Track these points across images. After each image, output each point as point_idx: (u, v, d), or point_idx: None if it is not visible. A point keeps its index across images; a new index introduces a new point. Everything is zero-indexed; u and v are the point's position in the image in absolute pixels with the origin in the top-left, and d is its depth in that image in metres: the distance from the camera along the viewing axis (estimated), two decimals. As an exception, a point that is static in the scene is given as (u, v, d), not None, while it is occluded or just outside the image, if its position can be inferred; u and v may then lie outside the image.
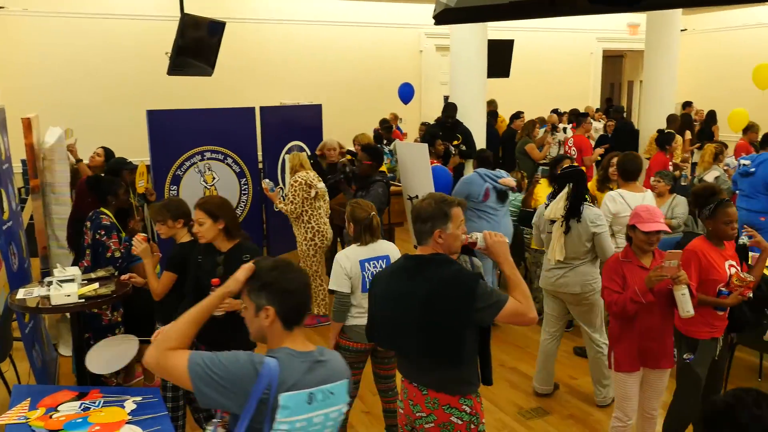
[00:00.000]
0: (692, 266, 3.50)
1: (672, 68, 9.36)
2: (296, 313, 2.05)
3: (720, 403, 1.84)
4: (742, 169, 6.78)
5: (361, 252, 3.79)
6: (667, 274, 3.22)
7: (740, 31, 13.43)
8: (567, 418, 4.53)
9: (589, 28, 13.83)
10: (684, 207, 6.42)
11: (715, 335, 3.61)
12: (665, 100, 9.43)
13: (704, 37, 14.09)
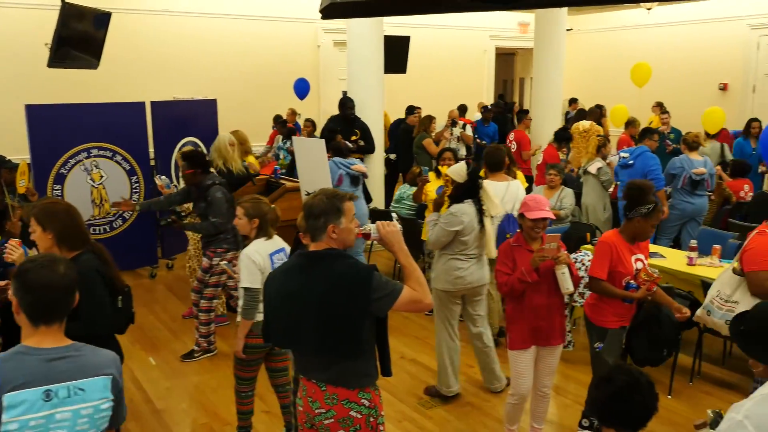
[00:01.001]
0: (605, 257, 3.67)
1: (559, 66, 9.79)
2: (38, 310, 2.04)
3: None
4: (622, 162, 7.20)
5: (268, 246, 3.84)
6: (549, 255, 3.58)
7: (620, 32, 14.25)
8: (465, 406, 4.65)
9: (483, 26, 14.22)
10: (571, 198, 6.76)
11: (623, 324, 3.74)
12: (553, 96, 9.85)
13: (588, 36, 14.84)
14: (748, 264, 3.57)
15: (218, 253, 5.31)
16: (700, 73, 12.65)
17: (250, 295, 3.73)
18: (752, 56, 12.21)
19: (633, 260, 3.70)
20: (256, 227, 3.86)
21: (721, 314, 3.70)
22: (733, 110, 12.05)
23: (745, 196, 7.35)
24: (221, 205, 5.20)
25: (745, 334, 2.25)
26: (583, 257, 5.24)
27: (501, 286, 3.77)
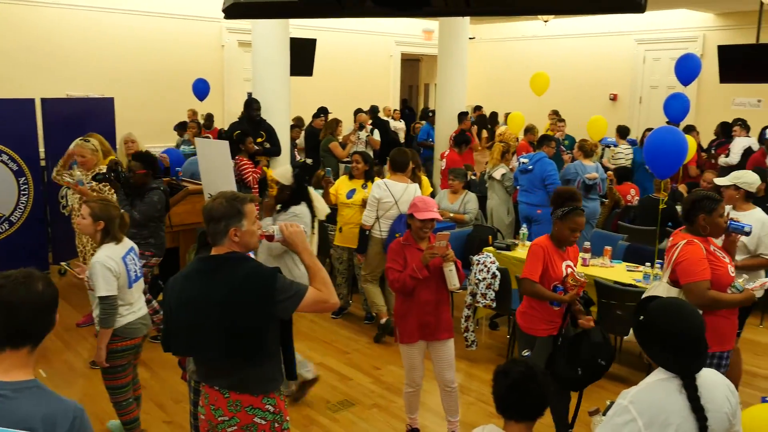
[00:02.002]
0: (539, 260, 3.73)
1: (462, 73, 10.05)
2: (4, 332, 1.81)
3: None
4: (521, 167, 7.47)
5: (118, 249, 3.78)
6: (438, 253, 3.76)
7: (520, 42, 14.82)
8: (371, 408, 4.69)
9: (388, 32, 14.40)
10: (474, 203, 6.95)
11: (552, 332, 3.78)
12: (457, 102, 10.09)
13: (490, 45, 15.33)
14: (684, 276, 3.46)
15: (145, 256, 5.21)
16: (593, 84, 13.36)
17: (108, 303, 3.63)
18: (639, 69, 13.01)
19: (563, 266, 3.78)
20: (101, 230, 3.76)
21: None
22: (622, 119, 12.76)
23: (631, 199, 7.81)
24: (152, 207, 5.17)
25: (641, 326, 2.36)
26: (485, 259, 5.40)
27: (393, 282, 3.92)
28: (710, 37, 11.76)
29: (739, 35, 11.04)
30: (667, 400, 2.14)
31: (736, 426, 2.24)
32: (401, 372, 4.72)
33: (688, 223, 3.60)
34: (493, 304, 5.31)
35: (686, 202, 3.64)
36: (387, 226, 5.56)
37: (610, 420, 2.20)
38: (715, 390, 2.21)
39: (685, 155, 5.20)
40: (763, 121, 10.02)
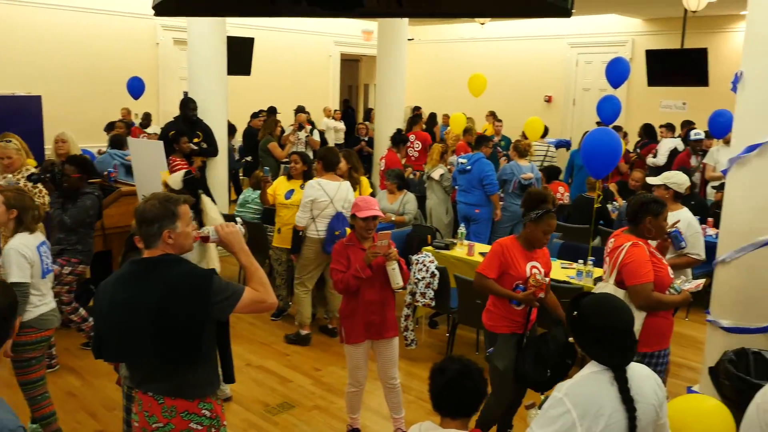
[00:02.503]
0: (496, 258, 3.77)
1: (401, 74, 10.12)
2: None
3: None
4: (460, 167, 7.56)
5: (32, 239, 3.78)
6: (381, 252, 3.80)
7: (458, 44, 15.03)
8: (312, 410, 4.66)
9: (327, 31, 14.36)
10: (413, 203, 6.99)
11: (514, 330, 3.79)
12: (396, 103, 10.16)
13: (429, 46, 15.48)
14: (630, 277, 3.50)
15: (71, 263, 5.10)
16: (529, 86, 13.67)
17: (20, 290, 3.57)
18: (572, 72, 13.39)
19: (528, 267, 3.77)
20: (14, 218, 3.75)
21: None
22: (556, 121, 13.15)
23: (561, 197, 8.03)
24: (83, 212, 5.07)
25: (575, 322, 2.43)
26: (424, 258, 5.44)
27: (336, 283, 3.93)
28: (639, 42, 12.21)
29: (665, 40, 11.51)
30: (600, 392, 2.22)
31: (663, 418, 2.33)
32: (342, 373, 4.73)
33: (634, 224, 3.65)
34: (433, 303, 5.37)
35: (634, 204, 3.66)
36: (324, 226, 5.53)
37: (546, 412, 2.26)
38: (643, 383, 2.30)
39: (619, 155, 5.38)
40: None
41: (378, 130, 10.30)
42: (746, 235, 4.05)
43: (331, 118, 13.39)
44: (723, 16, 11.06)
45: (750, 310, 4.06)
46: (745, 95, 4.06)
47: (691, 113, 10.98)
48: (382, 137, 10.06)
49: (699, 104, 10.63)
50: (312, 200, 5.49)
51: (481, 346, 5.77)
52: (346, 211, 5.51)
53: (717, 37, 11.09)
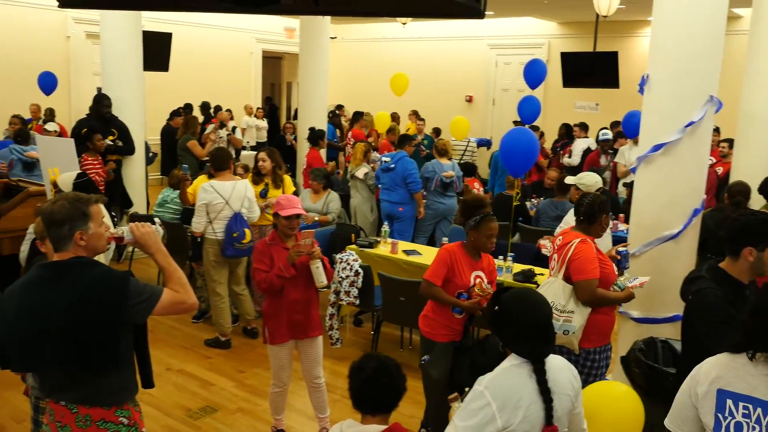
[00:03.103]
0: (443, 264, 3.73)
1: (324, 72, 10.06)
2: None
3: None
4: (383, 165, 7.61)
5: None
6: (304, 251, 3.79)
7: (380, 43, 15.11)
8: (235, 413, 4.58)
9: (249, 28, 14.14)
10: (337, 202, 6.98)
11: (452, 338, 3.78)
12: (319, 101, 10.10)
13: (352, 45, 15.50)
14: (577, 273, 3.55)
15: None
16: (450, 86, 13.90)
17: None
18: (492, 73, 13.71)
19: (473, 277, 3.76)
20: None
21: (560, 325, 3.54)
22: (477, 120, 13.44)
23: (479, 189, 8.20)
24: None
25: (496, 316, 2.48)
26: (348, 257, 5.45)
27: (260, 283, 3.88)
28: (554, 44, 12.64)
29: (579, 43, 11.96)
30: (519, 384, 2.28)
31: (578, 407, 2.42)
32: (267, 374, 4.67)
33: (589, 222, 3.69)
34: (357, 302, 5.38)
35: (592, 203, 3.70)
36: (222, 227, 5.38)
37: (467, 405, 2.30)
38: (560, 374, 2.37)
39: (536, 154, 5.55)
40: (600, 123, 10.88)
41: (301, 128, 10.22)
42: (654, 230, 4.28)
43: (254, 116, 13.19)
44: (632, 21, 11.59)
45: (657, 301, 4.28)
46: (651, 97, 4.27)
47: (604, 114, 11.45)
48: (305, 136, 9.98)
49: (611, 105, 11.09)
50: (206, 204, 5.35)
51: (405, 342, 5.84)
52: (247, 211, 5.45)
53: (627, 41, 11.61)
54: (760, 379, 2.08)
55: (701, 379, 2.20)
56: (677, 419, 2.29)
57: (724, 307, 2.69)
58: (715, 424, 2.14)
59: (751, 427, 2.07)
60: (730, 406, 2.12)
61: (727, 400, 2.12)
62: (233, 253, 5.44)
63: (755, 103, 7.08)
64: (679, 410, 2.28)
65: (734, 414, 2.11)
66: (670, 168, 4.18)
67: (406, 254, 5.85)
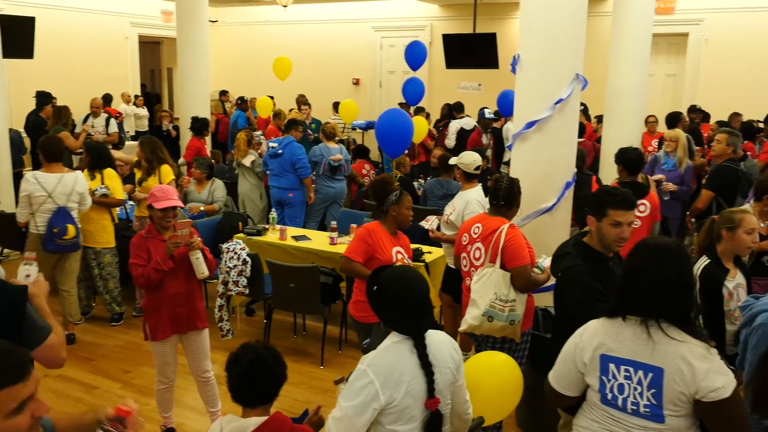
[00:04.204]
0: (362, 242, 3.82)
1: (204, 57, 9.71)
2: None
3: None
4: (271, 151, 7.49)
5: None
6: (182, 242, 3.67)
7: (262, 26, 14.79)
8: (122, 414, 4.39)
9: (122, 11, 13.42)
10: (222, 190, 6.80)
11: None
12: (200, 87, 9.74)
13: (233, 29, 15.07)
14: (513, 260, 3.52)
15: None
16: (336, 69, 13.84)
17: None
18: (377, 55, 13.78)
19: (394, 252, 3.86)
20: None
21: (506, 315, 3.50)
22: (365, 103, 13.49)
23: (367, 173, 8.28)
24: None
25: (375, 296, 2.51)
26: (235, 246, 5.33)
27: (137, 278, 3.75)
28: (437, 26, 12.86)
29: (460, 25, 12.23)
30: (400, 360, 2.32)
31: (460, 380, 2.50)
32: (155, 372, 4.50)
33: (508, 206, 3.70)
34: (246, 291, 5.28)
35: (509, 185, 3.70)
36: (44, 222, 5.12)
37: (351, 385, 2.32)
38: (440, 348, 2.44)
39: (410, 135, 5.61)
40: (482, 103, 11.20)
41: (183, 116, 9.85)
42: (530, 204, 4.45)
43: (132, 105, 12.58)
44: (509, 3, 11.98)
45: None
46: (522, 76, 4.44)
47: (486, 94, 11.77)
48: (187, 124, 9.62)
49: (493, 85, 11.39)
50: (28, 195, 5.09)
51: (299, 329, 5.81)
52: (75, 205, 5.19)
53: (505, 22, 11.99)
54: (638, 343, 2.22)
55: (585, 346, 2.34)
56: (564, 382, 2.44)
57: (590, 281, 2.84)
58: (600, 386, 2.30)
59: (633, 387, 2.22)
60: (612, 369, 2.27)
61: (610, 365, 2.27)
62: (54, 249, 5.16)
63: (619, 80, 7.54)
64: (565, 374, 2.43)
65: (617, 376, 2.26)
66: (542, 144, 4.37)
67: (295, 240, 5.80)
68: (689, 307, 2.23)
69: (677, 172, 6.44)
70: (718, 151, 5.66)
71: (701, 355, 2.15)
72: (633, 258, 2.35)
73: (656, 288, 2.20)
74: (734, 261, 3.39)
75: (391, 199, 3.86)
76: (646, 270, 2.24)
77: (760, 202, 4.25)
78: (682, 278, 2.22)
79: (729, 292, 3.27)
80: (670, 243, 2.32)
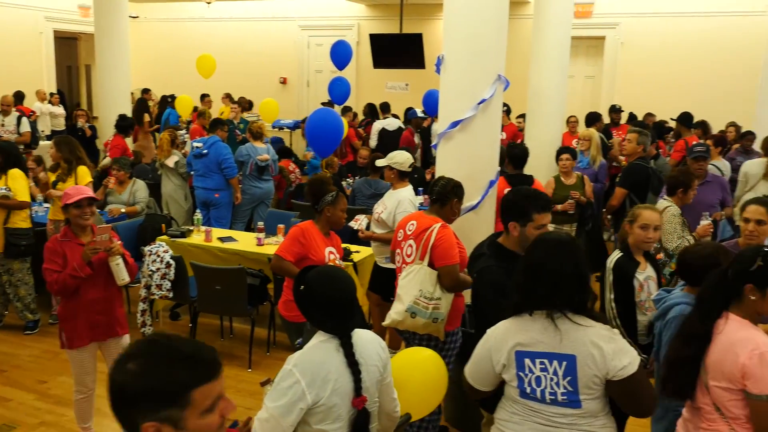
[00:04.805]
0: (295, 241, 3.83)
1: (124, 54, 9.42)
2: None
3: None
4: (196, 151, 7.32)
5: None
6: (101, 247, 3.54)
7: (186, 23, 14.41)
8: (38, 427, 4.20)
9: (36, 5, 12.81)
10: (144, 191, 6.61)
11: None
12: (121, 84, 9.45)
13: (155, 25, 14.63)
14: (442, 259, 3.55)
15: None
16: (263, 67, 13.65)
17: None
18: (304, 54, 13.68)
19: (327, 252, 3.86)
20: None
21: (429, 313, 3.53)
22: (292, 102, 13.38)
23: (292, 172, 8.21)
24: None
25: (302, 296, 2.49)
26: (158, 248, 5.18)
27: (51, 285, 3.58)
28: (364, 26, 12.88)
29: (387, 25, 12.28)
30: (327, 359, 2.32)
31: (387, 378, 2.52)
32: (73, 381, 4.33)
33: (441, 205, 3.76)
34: (170, 294, 5.15)
35: (445, 186, 3.77)
36: None
37: (277, 385, 2.31)
38: (367, 346, 2.45)
39: (341, 134, 5.62)
40: (410, 102, 11.34)
41: (102, 115, 9.51)
42: (455, 202, 4.51)
43: (48, 103, 12.04)
44: (434, 4, 12.10)
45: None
46: (447, 76, 4.50)
47: (413, 93, 11.89)
48: (106, 123, 9.30)
49: (420, 85, 11.51)
50: None
51: (226, 331, 5.71)
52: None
53: (430, 23, 12.13)
54: (547, 335, 2.30)
55: (499, 347, 2.40)
56: (478, 378, 2.51)
57: (504, 281, 2.85)
58: (518, 382, 2.37)
59: (550, 378, 2.30)
60: (528, 364, 2.34)
61: (525, 360, 2.35)
62: None
63: (540, 82, 7.77)
64: (480, 371, 2.49)
65: (533, 370, 2.33)
66: (466, 143, 4.44)
67: (221, 241, 5.69)
68: (587, 296, 2.34)
69: (591, 170, 6.70)
70: (629, 150, 5.93)
71: (607, 336, 2.27)
72: (532, 254, 2.43)
73: (557, 281, 2.29)
74: (644, 254, 3.52)
75: (327, 199, 3.88)
76: (546, 265, 2.33)
77: (674, 196, 4.52)
78: (578, 270, 2.32)
79: (640, 284, 3.39)
80: (564, 237, 2.42)
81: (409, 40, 10.04)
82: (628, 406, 2.35)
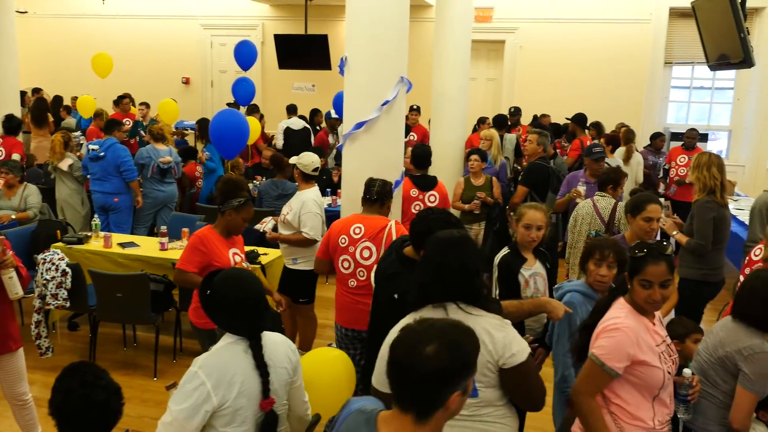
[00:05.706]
0: (195, 251, 3.75)
1: (11, 51, 8.85)
2: None
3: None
4: (92, 154, 7.01)
5: None
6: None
7: (80, 20, 13.73)
8: None
9: None
10: (37, 195, 6.30)
11: None
12: (9, 84, 8.89)
13: (46, 21, 13.86)
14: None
15: None
16: (165, 67, 13.23)
17: None
18: (208, 54, 13.36)
19: (231, 254, 3.79)
20: None
21: None
22: (196, 102, 13.05)
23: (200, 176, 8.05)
24: None
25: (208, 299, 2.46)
26: (53, 256, 4.93)
27: None
28: (268, 26, 12.73)
29: (292, 26, 12.20)
30: (234, 361, 2.31)
31: (297, 381, 2.53)
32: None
33: (380, 202, 3.96)
34: (67, 304, 4.91)
35: (380, 185, 3.98)
36: None
37: (182, 388, 2.28)
38: (277, 348, 2.46)
39: (247, 136, 5.54)
40: (315, 103, 11.32)
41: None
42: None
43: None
44: (339, 5, 12.11)
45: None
46: (350, 78, 4.55)
47: (320, 95, 11.88)
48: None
49: (327, 86, 11.53)
50: None
51: (129, 341, 5.52)
52: None
53: (335, 24, 12.14)
54: None
55: None
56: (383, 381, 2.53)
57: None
58: None
59: None
60: None
61: None
62: None
63: (443, 84, 7.97)
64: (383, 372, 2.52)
65: None
66: (371, 144, 4.50)
67: (122, 247, 5.49)
68: (478, 287, 2.41)
69: (492, 169, 6.94)
70: (530, 150, 6.20)
71: (498, 325, 2.37)
72: (425, 251, 2.54)
73: (440, 271, 2.38)
74: (534, 251, 3.59)
75: (234, 203, 3.76)
76: (433, 259, 2.43)
77: (605, 191, 4.93)
78: (463, 262, 2.39)
79: (525, 280, 3.47)
80: (454, 234, 2.51)
81: (315, 41, 10.03)
82: (519, 397, 2.43)
